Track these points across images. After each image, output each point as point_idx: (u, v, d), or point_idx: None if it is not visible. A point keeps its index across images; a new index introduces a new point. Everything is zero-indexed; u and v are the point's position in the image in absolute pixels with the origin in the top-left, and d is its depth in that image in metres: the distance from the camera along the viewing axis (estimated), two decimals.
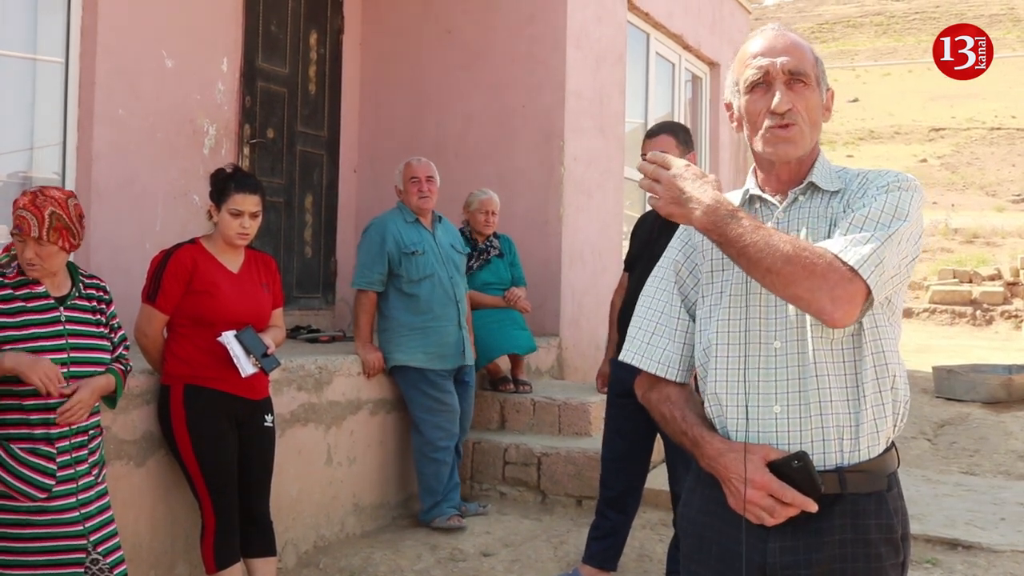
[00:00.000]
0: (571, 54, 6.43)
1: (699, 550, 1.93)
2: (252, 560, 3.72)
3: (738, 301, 1.87)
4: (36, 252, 2.91)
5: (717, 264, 1.94)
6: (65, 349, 2.93)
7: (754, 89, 1.87)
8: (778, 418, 1.80)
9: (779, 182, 1.91)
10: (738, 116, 1.93)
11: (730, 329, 1.86)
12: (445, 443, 4.94)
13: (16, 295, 2.92)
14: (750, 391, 1.83)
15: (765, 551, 1.80)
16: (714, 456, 1.83)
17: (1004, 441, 7.08)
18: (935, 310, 14.53)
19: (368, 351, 4.97)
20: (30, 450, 2.87)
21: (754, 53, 1.88)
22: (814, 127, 1.88)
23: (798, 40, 1.90)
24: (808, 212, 1.87)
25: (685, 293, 2.00)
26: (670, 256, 2.05)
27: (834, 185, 1.89)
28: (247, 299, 3.66)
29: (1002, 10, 54.30)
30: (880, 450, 1.83)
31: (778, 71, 1.85)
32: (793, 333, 1.81)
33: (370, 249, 4.97)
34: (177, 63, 5.21)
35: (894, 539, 1.82)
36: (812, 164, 1.91)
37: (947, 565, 4.43)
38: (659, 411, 1.99)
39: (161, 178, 5.14)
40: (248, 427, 3.69)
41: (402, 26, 6.82)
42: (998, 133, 35.05)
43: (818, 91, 1.89)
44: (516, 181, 6.40)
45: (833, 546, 1.78)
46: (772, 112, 1.84)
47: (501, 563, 4.48)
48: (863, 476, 1.80)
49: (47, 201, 2.92)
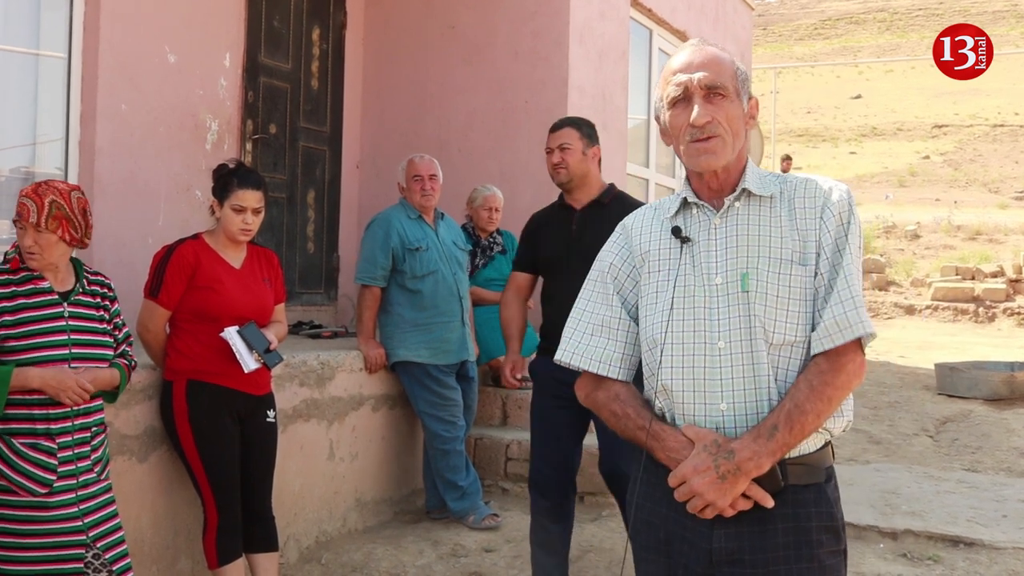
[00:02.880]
0: (574, 50, 6.42)
1: (647, 537, 2.00)
2: (254, 555, 3.72)
3: (678, 302, 1.95)
4: (35, 240, 2.91)
5: (655, 265, 2.03)
6: (67, 345, 2.93)
7: (676, 104, 1.98)
8: (725, 415, 1.89)
9: (710, 190, 2.01)
10: (665, 130, 2.03)
11: (671, 328, 1.94)
12: (452, 434, 4.95)
13: (19, 291, 2.92)
14: (696, 388, 1.91)
15: (711, 537, 1.88)
16: (677, 449, 1.90)
17: (1006, 438, 7.07)
18: (937, 307, 14.52)
19: (370, 347, 4.98)
20: (31, 445, 2.87)
21: (674, 70, 1.99)
22: (736, 137, 1.97)
23: (717, 54, 1.99)
24: (747, 217, 1.96)
25: (624, 295, 2.07)
26: (605, 259, 2.12)
27: (768, 190, 1.98)
28: (249, 294, 3.67)
29: (1005, 7, 54.20)
30: (819, 446, 1.92)
31: (696, 86, 1.94)
32: (737, 335, 1.89)
33: (374, 244, 4.98)
34: (180, 58, 5.21)
35: (834, 527, 1.91)
36: (742, 171, 2.00)
37: (949, 562, 4.43)
38: (609, 409, 2.04)
39: (163, 173, 5.14)
40: (250, 423, 3.69)
41: (405, 22, 6.81)
42: (1001, 130, 34.99)
43: (738, 102, 1.98)
44: (519, 177, 6.39)
45: (776, 534, 1.87)
46: (692, 125, 1.93)
47: (503, 559, 4.49)
48: (803, 469, 1.89)
49: (49, 190, 2.94)
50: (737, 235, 1.95)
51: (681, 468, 1.85)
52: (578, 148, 3.89)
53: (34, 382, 2.83)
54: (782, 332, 1.88)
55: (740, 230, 1.95)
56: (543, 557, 3.87)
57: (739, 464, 1.81)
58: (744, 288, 1.89)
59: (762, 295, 1.88)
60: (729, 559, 1.88)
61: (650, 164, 7.86)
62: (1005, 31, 47.44)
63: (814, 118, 39.35)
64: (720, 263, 1.94)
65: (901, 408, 7.99)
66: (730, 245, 1.94)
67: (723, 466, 1.81)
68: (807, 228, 1.92)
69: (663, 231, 2.04)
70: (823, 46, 53.84)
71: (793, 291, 1.89)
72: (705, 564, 1.90)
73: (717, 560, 1.88)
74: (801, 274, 1.90)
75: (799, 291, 1.89)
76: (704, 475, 1.82)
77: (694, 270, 1.95)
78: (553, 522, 3.86)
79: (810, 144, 35.69)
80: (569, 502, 3.91)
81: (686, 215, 2.02)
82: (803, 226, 1.93)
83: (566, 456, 3.87)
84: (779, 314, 1.88)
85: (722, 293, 1.92)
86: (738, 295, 1.90)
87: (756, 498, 1.85)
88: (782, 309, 1.88)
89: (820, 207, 1.93)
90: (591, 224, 3.80)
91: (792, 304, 1.89)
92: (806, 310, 1.89)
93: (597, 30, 6.73)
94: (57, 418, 2.91)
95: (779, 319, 1.88)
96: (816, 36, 57.17)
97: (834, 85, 44.16)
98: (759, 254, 1.91)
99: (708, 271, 1.94)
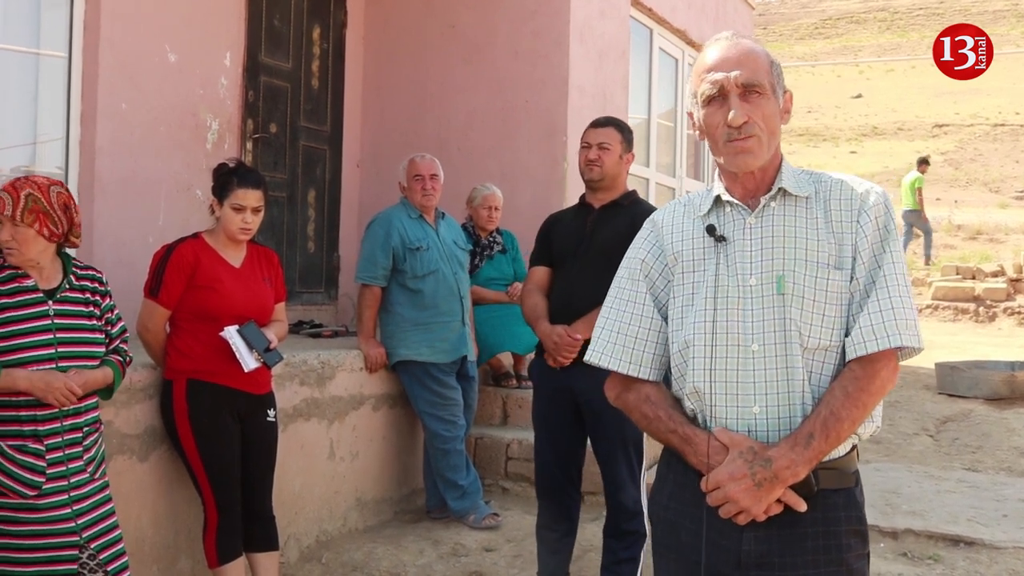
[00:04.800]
0: (574, 49, 6.42)
1: (669, 537, 1.98)
2: (254, 555, 3.72)
3: (711, 303, 1.91)
4: (12, 235, 2.84)
5: (688, 265, 1.98)
6: (53, 344, 2.85)
7: (711, 102, 1.93)
8: (757, 418, 1.86)
9: (744, 189, 1.97)
10: (699, 127, 1.98)
11: (705, 330, 1.91)
12: (452, 434, 4.94)
13: (1, 290, 2.85)
14: (729, 391, 1.88)
15: (740, 540, 1.86)
16: (710, 454, 1.86)
17: (1007, 438, 7.07)
18: (938, 306, 14.50)
19: (371, 346, 4.97)
20: (19, 447, 2.81)
21: (708, 67, 1.93)
22: (772, 135, 1.93)
23: (752, 48, 1.94)
24: (783, 218, 1.92)
25: (656, 294, 2.03)
26: (637, 256, 2.07)
27: (804, 190, 1.94)
28: (249, 293, 3.66)
29: (1006, 6, 54.15)
30: (847, 450, 1.91)
31: (732, 84, 1.89)
32: (771, 338, 1.86)
33: (374, 243, 4.97)
34: (180, 57, 5.21)
35: (862, 531, 1.90)
36: (777, 170, 1.96)
37: (949, 561, 4.43)
38: (640, 411, 2.01)
39: (164, 172, 5.14)
40: (251, 422, 3.69)
41: (405, 21, 6.81)
42: (1002, 130, 34.97)
43: (774, 99, 1.94)
44: (519, 176, 6.40)
45: (805, 538, 1.85)
46: (729, 126, 1.89)
47: (503, 558, 4.49)
48: (834, 474, 1.87)
49: (26, 184, 2.88)
50: (773, 236, 1.90)
51: (716, 474, 1.82)
52: (617, 151, 3.85)
53: (21, 384, 2.76)
54: (817, 336, 1.85)
55: (776, 231, 1.91)
56: (547, 557, 3.87)
57: (776, 472, 1.78)
58: (780, 291, 1.86)
59: (798, 298, 1.85)
60: (758, 563, 1.85)
61: (650, 164, 7.86)
62: (1005, 31, 47.41)
63: (815, 117, 39.33)
64: (755, 264, 1.90)
65: (901, 408, 7.98)
66: (765, 246, 1.90)
67: (759, 474, 1.78)
68: (843, 232, 1.89)
69: (695, 229, 1.99)
70: (823, 45, 53.82)
71: (830, 295, 1.86)
72: (733, 567, 1.87)
73: (746, 563, 1.86)
74: (837, 278, 1.87)
75: (835, 295, 1.86)
76: (740, 482, 1.79)
77: (728, 270, 1.91)
78: (558, 522, 3.87)
79: (811, 143, 35.66)
80: (573, 502, 3.91)
81: (719, 213, 1.98)
82: (839, 229, 1.89)
83: (569, 456, 3.86)
84: (815, 318, 1.85)
85: (756, 295, 1.88)
86: (773, 297, 1.87)
87: (789, 503, 1.82)
88: (818, 313, 1.85)
89: (856, 210, 1.89)
90: (606, 222, 3.79)
91: (828, 308, 1.86)
92: (841, 315, 1.87)
93: (597, 29, 6.73)
94: (45, 419, 2.84)
95: (814, 323, 1.85)
96: (816, 35, 57.13)
97: (834, 84, 44.12)
98: (795, 256, 1.88)
99: (743, 272, 1.90)
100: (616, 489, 3.75)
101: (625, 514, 3.72)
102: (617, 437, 3.70)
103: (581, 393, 3.67)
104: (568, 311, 3.73)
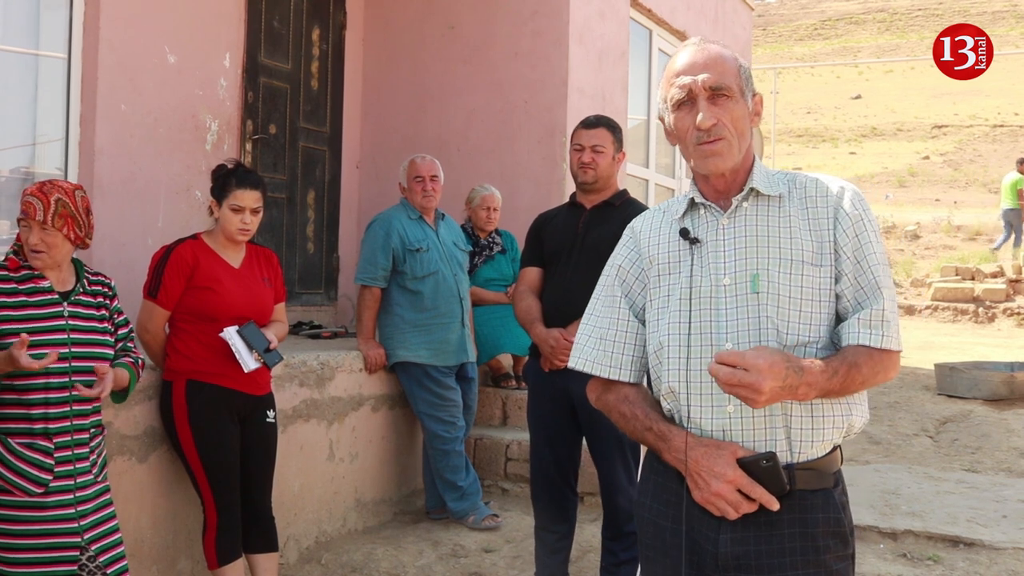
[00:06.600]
0: (574, 50, 6.42)
1: (655, 538, 1.99)
2: (254, 556, 3.72)
3: (686, 304, 1.93)
4: (41, 238, 2.92)
5: (664, 268, 2.01)
6: (67, 344, 2.92)
7: (680, 107, 1.96)
8: (732, 417, 1.87)
9: (716, 191, 1.99)
10: (670, 131, 2.01)
11: (680, 331, 1.93)
12: (452, 435, 4.95)
13: (20, 289, 2.92)
14: (704, 391, 1.89)
15: (717, 541, 1.87)
16: (682, 450, 1.88)
17: (1006, 438, 7.06)
18: (937, 307, 14.50)
19: (370, 347, 4.97)
20: (28, 444, 2.86)
21: (677, 71, 1.96)
22: (741, 137, 1.95)
23: (720, 52, 1.96)
24: (756, 217, 1.94)
25: (632, 298, 2.06)
26: (614, 262, 2.11)
27: (776, 190, 1.96)
28: (249, 294, 3.67)
29: (1005, 7, 54.19)
30: (827, 450, 1.91)
31: (700, 88, 1.92)
32: (746, 336, 1.87)
33: (374, 244, 4.97)
34: (179, 59, 5.21)
35: (842, 532, 1.90)
36: (749, 171, 1.98)
37: (948, 562, 4.43)
38: (618, 411, 2.04)
39: (163, 173, 5.14)
40: (250, 423, 3.69)
41: (404, 22, 6.82)
42: (1001, 130, 34.99)
43: (743, 101, 1.96)
44: (518, 177, 6.40)
45: (782, 539, 1.86)
46: (698, 129, 1.91)
47: (503, 559, 4.49)
48: (811, 474, 1.88)
49: (54, 188, 2.95)
50: (746, 235, 1.93)
51: (755, 358, 1.73)
52: (610, 152, 3.84)
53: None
54: (796, 333, 1.86)
55: (749, 230, 1.93)
56: (546, 557, 3.87)
57: (804, 381, 1.76)
58: (755, 289, 1.87)
59: (774, 296, 1.86)
60: (735, 564, 1.86)
61: (650, 164, 7.86)
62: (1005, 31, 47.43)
63: (814, 118, 39.35)
64: (729, 264, 1.91)
65: (901, 408, 7.98)
66: (739, 246, 1.92)
67: (790, 378, 1.75)
68: (820, 229, 1.91)
69: (671, 233, 2.02)
70: (823, 46, 53.83)
71: (806, 291, 1.87)
72: (711, 568, 1.88)
73: (723, 565, 1.87)
74: (815, 275, 1.88)
75: (812, 291, 1.87)
76: (774, 377, 1.72)
77: (702, 271, 1.93)
78: (555, 523, 3.87)
79: (810, 144, 35.69)
80: (571, 503, 3.91)
81: (694, 216, 2.00)
82: (816, 227, 1.91)
83: (566, 458, 3.86)
84: (792, 315, 1.86)
85: (731, 294, 1.90)
86: (747, 296, 1.88)
87: (762, 501, 1.83)
88: (795, 310, 1.86)
89: (832, 207, 1.91)
90: (598, 222, 3.78)
91: (805, 304, 1.87)
92: (820, 310, 1.88)
93: (597, 30, 6.73)
94: (56, 418, 2.89)
95: (792, 319, 1.86)
96: (816, 36, 57.16)
97: (834, 85, 44.15)
98: (769, 255, 1.90)
99: (716, 272, 1.92)
100: (613, 491, 3.75)
101: (623, 516, 3.72)
102: (613, 439, 3.70)
103: (577, 395, 3.67)
104: (562, 313, 3.73)
